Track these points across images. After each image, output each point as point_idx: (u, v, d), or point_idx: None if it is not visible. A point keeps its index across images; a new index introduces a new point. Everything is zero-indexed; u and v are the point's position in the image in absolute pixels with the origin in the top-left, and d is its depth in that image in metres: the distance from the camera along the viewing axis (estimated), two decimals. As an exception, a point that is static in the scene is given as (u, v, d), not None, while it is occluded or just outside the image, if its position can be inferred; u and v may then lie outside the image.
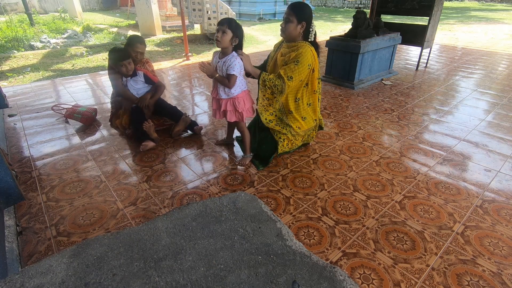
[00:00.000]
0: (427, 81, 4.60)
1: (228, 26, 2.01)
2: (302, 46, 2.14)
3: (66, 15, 12.22)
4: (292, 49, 2.19)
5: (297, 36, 2.19)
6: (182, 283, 1.04)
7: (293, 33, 2.16)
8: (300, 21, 2.13)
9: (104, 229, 1.76)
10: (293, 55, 2.14)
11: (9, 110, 3.41)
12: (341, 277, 1.07)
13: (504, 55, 6.50)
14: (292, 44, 2.21)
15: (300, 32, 2.17)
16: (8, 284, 1.01)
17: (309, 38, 2.20)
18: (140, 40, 2.83)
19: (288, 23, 2.15)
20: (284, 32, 2.21)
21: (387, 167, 2.39)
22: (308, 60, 2.13)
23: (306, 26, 2.16)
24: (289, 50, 2.22)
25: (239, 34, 2.06)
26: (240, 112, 2.24)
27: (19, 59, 6.00)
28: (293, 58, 2.14)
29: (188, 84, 4.58)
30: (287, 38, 2.24)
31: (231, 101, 2.23)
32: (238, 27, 2.04)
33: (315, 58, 2.19)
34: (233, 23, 2.02)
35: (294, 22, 2.13)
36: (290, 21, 2.14)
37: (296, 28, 2.14)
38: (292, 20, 2.13)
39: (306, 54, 2.12)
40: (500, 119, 3.26)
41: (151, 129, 2.63)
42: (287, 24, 2.16)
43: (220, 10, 7.54)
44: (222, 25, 2.01)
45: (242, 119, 2.29)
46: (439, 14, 4.89)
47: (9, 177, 1.69)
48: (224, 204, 1.42)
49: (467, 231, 1.75)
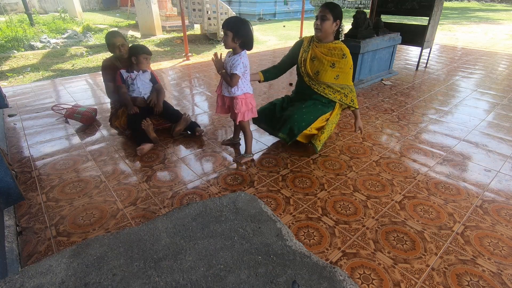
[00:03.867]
0: (427, 81, 4.60)
1: (227, 28, 2.01)
2: (345, 49, 2.30)
3: (66, 15, 12.22)
4: (335, 51, 2.31)
5: (331, 34, 2.30)
6: (182, 283, 1.04)
7: (329, 30, 2.25)
8: (335, 19, 2.23)
9: (104, 229, 1.76)
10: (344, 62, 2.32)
11: (9, 110, 3.41)
12: (341, 277, 1.07)
13: (504, 55, 6.50)
14: (331, 46, 2.32)
15: (334, 30, 2.27)
16: (8, 284, 1.01)
17: (340, 37, 2.34)
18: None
19: (324, 21, 2.22)
20: (320, 30, 2.27)
21: (387, 167, 2.39)
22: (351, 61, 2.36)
23: (339, 25, 2.28)
24: (329, 50, 2.32)
25: (241, 33, 2.02)
26: (236, 113, 2.23)
27: (19, 59, 6.00)
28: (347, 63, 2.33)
29: (188, 84, 4.58)
30: (323, 36, 2.31)
31: (232, 100, 2.24)
32: (238, 27, 2.02)
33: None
34: (231, 24, 2.01)
35: (330, 19, 2.21)
36: (327, 19, 2.21)
37: (332, 25, 2.24)
38: (329, 18, 2.21)
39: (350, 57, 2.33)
40: (500, 119, 3.26)
41: (150, 127, 2.63)
42: (323, 22, 2.22)
43: (220, 10, 7.54)
44: (223, 27, 2.04)
45: (244, 118, 2.29)
46: (439, 14, 4.89)
47: (9, 177, 1.69)
48: (224, 204, 1.42)
49: (467, 231, 1.75)
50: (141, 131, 2.62)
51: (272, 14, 13.81)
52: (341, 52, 2.29)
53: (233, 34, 2.01)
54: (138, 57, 2.70)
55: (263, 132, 2.97)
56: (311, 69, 2.41)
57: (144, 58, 2.73)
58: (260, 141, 2.78)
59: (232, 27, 2.01)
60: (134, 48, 2.73)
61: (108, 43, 2.75)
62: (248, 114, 2.29)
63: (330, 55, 2.32)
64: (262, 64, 5.64)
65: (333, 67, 2.32)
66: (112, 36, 2.73)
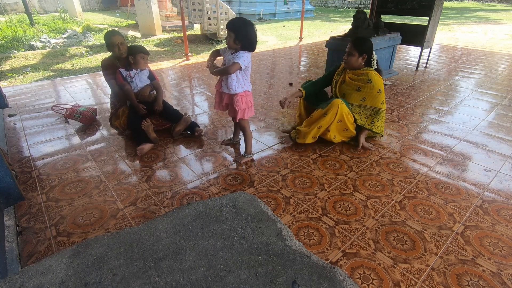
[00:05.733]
0: (427, 81, 4.60)
1: (230, 29, 2.03)
2: (371, 74, 2.49)
3: (66, 15, 12.22)
4: (362, 76, 2.53)
5: (359, 66, 2.54)
6: (182, 283, 1.04)
7: (355, 64, 2.52)
8: (361, 54, 2.48)
9: (104, 229, 1.76)
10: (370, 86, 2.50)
11: (9, 110, 3.41)
12: (341, 277, 1.07)
13: (504, 55, 6.50)
14: (359, 72, 2.55)
15: (361, 62, 2.52)
16: (8, 284, 1.01)
17: (372, 65, 2.55)
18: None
19: (350, 56, 2.50)
20: (347, 64, 2.56)
21: (387, 167, 2.39)
22: (380, 85, 2.52)
23: (367, 57, 2.50)
24: (357, 76, 2.56)
25: (242, 35, 2.02)
26: (237, 110, 2.23)
27: (19, 59, 6.00)
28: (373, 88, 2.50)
29: (188, 84, 4.58)
30: (350, 68, 2.59)
31: (231, 97, 2.23)
32: (240, 29, 2.02)
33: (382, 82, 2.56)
34: (233, 25, 2.03)
35: (355, 55, 2.48)
36: (352, 55, 2.48)
37: (358, 60, 2.50)
38: (354, 54, 2.47)
39: (379, 82, 2.51)
40: (500, 119, 3.26)
41: (150, 128, 2.63)
42: (349, 57, 2.51)
43: (220, 10, 7.54)
44: (226, 27, 2.07)
45: (244, 117, 2.29)
46: (439, 14, 4.89)
47: (9, 177, 1.69)
48: (224, 204, 1.43)
49: (467, 231, 1.75)
50: (141, 131, 2.62)
51: (272, 14, 13.81)
52: (367, 78, 2.50)
53: (235, 36, 2.02)
54: (135, 56, 2.75)
55: (263, 132, 2.97)
56: (339, 91, 2.67)
57: (141, 58, 2.78)
58: (260, 141, 2.78)
59: (234, 28, 2.02)
60: (132, 48, 2.79)
61: (107, 42, 2.76)
62: (248, 113, 2.29)
63: (357, 80, 2.55)
64: (262, 64, 5.64)
65: (358, 90, 2.55)
66: (111, 35, 2.75)
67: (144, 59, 2.80)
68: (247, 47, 2.08)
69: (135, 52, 2.76)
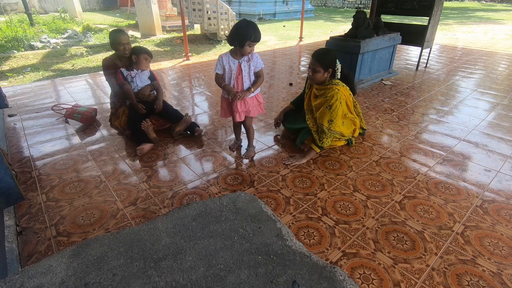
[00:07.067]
0: (427, 81, 4.60)
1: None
2: (334, 91, 2.37)
3: (66, 15, 12.22)
4: (326, 91, 2.43)
5: (324, 80, 2.44)
6: (182, 283, 1.04)
7: (321, 79, 2.41)
8: (326, 69, 2.36)
9: (104, 229, 1.76)
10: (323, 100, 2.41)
11: (9, 110, 3.41)
12: (341, 277, 1.07)
13: (504, 55, 6.50)
14: (323, 87, 2.46)
15: (327, 77, 2.41)
16: (8, 284, 1.01)
17: (336, 76, 2.43)
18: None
19: (315, 73, 2.38)
20: (313, 80, 2.45)
21: (387, 167, 2.39)
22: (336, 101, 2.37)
23: (332, 71, 2.39)
24: (321, 91, 2.48)
25: (238, 36, 2.03)
26: (262, 102, 2.37)
27: (19, 59, 6.00)
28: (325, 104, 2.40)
29: (188, 84, 4.58)
30: (316, 83, 2.49)
31: (255, 98, 2.32)
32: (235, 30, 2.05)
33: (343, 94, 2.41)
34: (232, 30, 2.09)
35: (321, 71, 2.35)
36: (317, 71, 2.36)
37: (323, 75, 2.38)
38: (319, 70, 2.35)
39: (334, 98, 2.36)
40: (500, 119, 3.26)
41: (150, 128, 2.63)
42: (314, 74, 2.38)
43: (220, 10, 7.54)
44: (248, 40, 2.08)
45: (254, 114, 2.38)
46: (439, 14, 4.89)
47: (9, 177, 1.69)
48: (224, 204, 1.43)
49: (467, 231, 1.75)
50: (141, 131, 2.62)
51: (272, 14, 13.80)
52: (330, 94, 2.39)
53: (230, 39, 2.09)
54: (138, 56, 2.76)
55: (263, 132, 2.97)
56: (308, 107, 2.62)
57: (144, 59, 2.79)
58: (260, 141, 2.78)
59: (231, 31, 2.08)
60: (137, 48, 2.80)
61: (113, 40, 2.75)
62: (257, 110, 2.38)
63: (321, 96, 2.47)
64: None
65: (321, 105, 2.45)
66: (120, 34, 2.75)
67: (147, 60, 2.82)
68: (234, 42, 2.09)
69: (139, 52, 2.77)
